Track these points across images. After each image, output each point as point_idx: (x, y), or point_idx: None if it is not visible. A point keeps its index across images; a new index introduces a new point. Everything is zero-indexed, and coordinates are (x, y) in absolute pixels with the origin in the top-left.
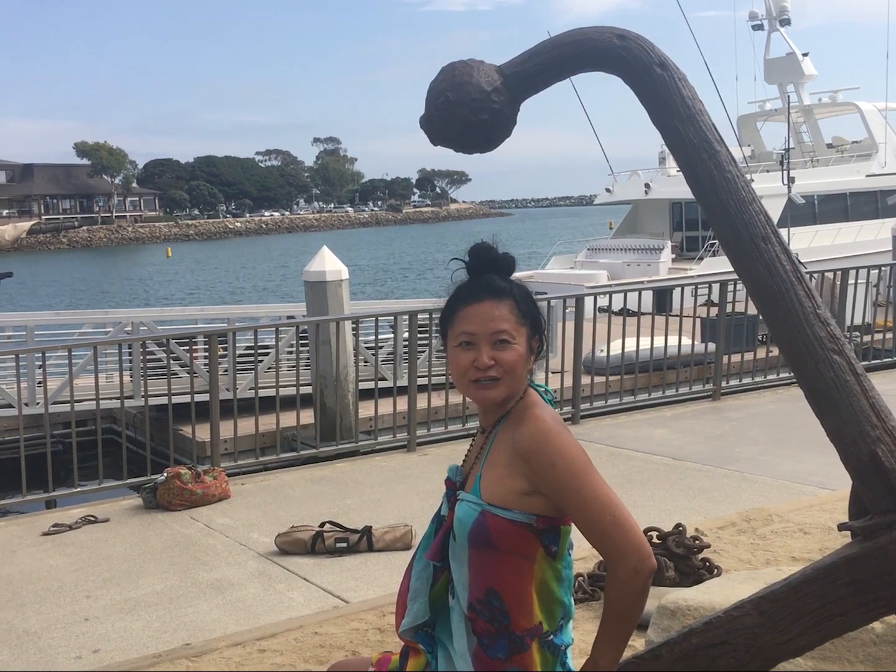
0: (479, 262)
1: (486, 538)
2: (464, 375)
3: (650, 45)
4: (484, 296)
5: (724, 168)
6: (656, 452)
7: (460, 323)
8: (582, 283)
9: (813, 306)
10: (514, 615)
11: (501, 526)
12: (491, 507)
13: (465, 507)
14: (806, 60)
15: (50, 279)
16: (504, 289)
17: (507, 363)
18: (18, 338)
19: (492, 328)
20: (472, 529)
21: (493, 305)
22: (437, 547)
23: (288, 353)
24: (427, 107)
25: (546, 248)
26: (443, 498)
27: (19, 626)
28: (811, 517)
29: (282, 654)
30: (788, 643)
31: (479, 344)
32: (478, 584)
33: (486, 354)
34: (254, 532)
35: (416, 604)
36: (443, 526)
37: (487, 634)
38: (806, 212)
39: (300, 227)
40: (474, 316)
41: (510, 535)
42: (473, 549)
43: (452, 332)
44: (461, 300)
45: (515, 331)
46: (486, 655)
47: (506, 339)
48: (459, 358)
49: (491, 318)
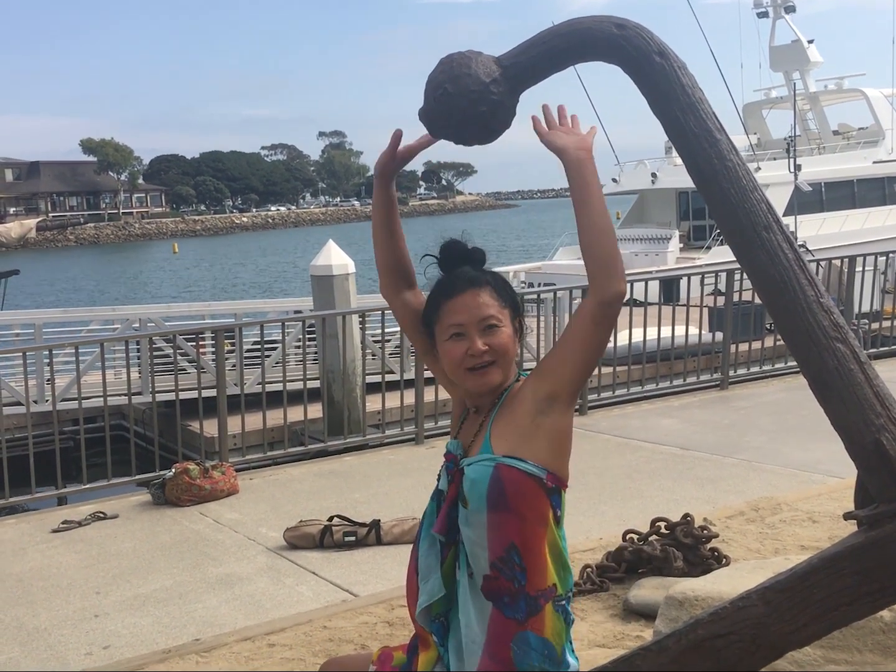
0: (450, 258)
1: (503, 496)
2: (459, 366)
3: (649, 34)
4: (464, 286)
5: (724, 157)
6: (664, 442)
7: (447, 316)
8: None
9: (816, 294)
10: (530, 574)
11: (516, 478)
12: (505, 458)
13: (476, 468)
14: (811, 47)
15: (54, 277)
16: (480, 277)
17: (500, 346)
18: (26, 336)
19: (479, 315)
20: (489, 487)
21: (474, 294)
22: (443, 520)
23: (295, 347)
24: (426, 99)
25: (553, 239)
26: (441, 472)
27: (30, 624)
28: (820, 505)
29: (291, 648)
30: (795, 633)
31: (470, 333)
32: (498, 541)
33: (479, 341)
34: (262, 527)
35: (430, 581)
36: (445, 500)
37: (509, 593)
38: (813, 199)
39: (306, 221)
40: (460, 307)
41: (524, 491)
42: (491, 512)
43: (440, 328)
44: (442, 295)
45: (500, 314)
46: (503, 616)
47: (494, 323)
48: (453, 350)
49: (476, 305)
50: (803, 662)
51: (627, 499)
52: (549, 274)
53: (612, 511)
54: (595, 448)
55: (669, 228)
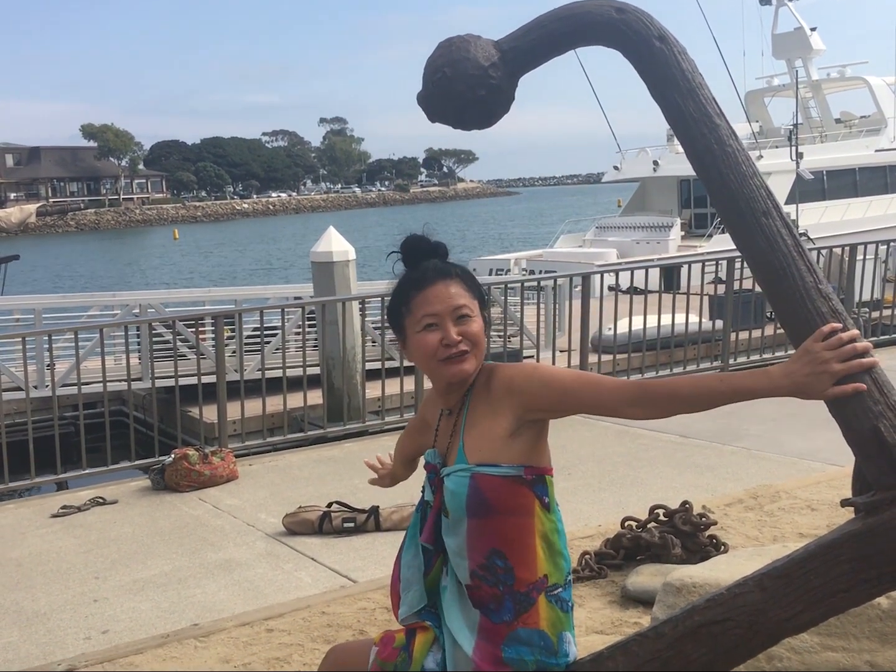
0: (414, 254)
1: (484, 503)
2: (433, 357)
3: (649, 18)
4: (434, 277)
5: (724, 142)
6: (664, 430)
7: (419, 308)
8: (592, 262)
9: (814, 281)
10: (518, 572)
11: (494, 484)
12: (479, 468)
13: (454, 479)
14: (814, 35)
15: (54, 263)
16: (448, 269)
17: (474, 335)
18: (26, 321)
19: (452, 304)
20: (468, 498)
21: (445, 285)
22: (430, 529)
23: (295, 333)
24: (424, 83)
25: (554, 227)
26: (424, 483)
27: (29, 608)
28: (819, 493)
29: (290, 633)
30: (792, 619)
31: (444, 323)
32: (478, 550)
33: (453, 330)
34: (261, 512)
35: (410, 593)
36: (431, 510)
37: (493, 599)
38: (815, 187)
39: (307, 207)
40: (432, 297)
41: (505, 493)
42: (472, 520)
43: (412, 320)
44: (412, 287)
45: (472, 304)
46: (491, 623)
47: (466, 313)
48: (426, 340)
49: (448, 295)
50: (800, 649)
51: (626, 486)
52: (549, 261)
53: (610, 498)
54: (594, 435)
55: (671, 216)
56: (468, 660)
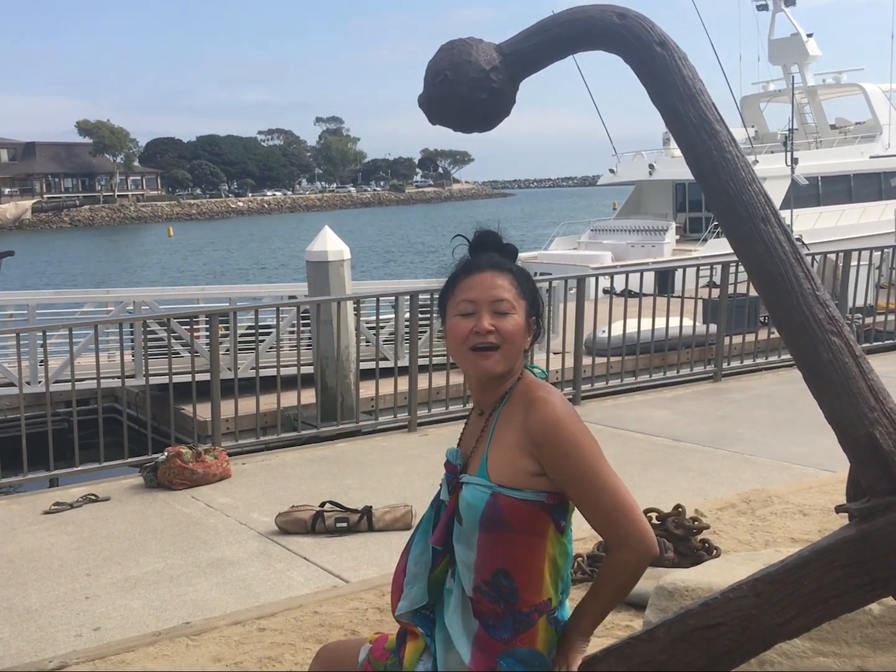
0: (482, 243)
1: (500, 519)
2: (463, 342)
3: (650, 24)
4: (485, 266)
5: (724, 148)
6: (657, 433)
7: (461, 292)
8: (586, 264)
9: (812, 287)
10: (522, 593)
11: (514, 505)
12: (502, 489)
13: (473, 491)
14: (810, 41)
15: (50, 259)
16: (504, 264)
17: (507, 331)
18: (20, 317)
19: (493, 295)
20: (484, 513)
21: (494, 275)
22: (441, 532)
23: (289, 332)
24: (426, 85)
25: (549, 229)
26: (442, 481)
27: (20, 604)
28: (811, 499)
29: (281, 632)
30: (784, 625)
31: (480, 311)
32: (485, 566)
33: (487, 320)
34: (254, 511)
35: (414, 588)
36: (445, 510)
37: (493, 615)
38: (809, 193)
39: (302, 206)
40: (476, 283)
41: (523, 515)
42: (485, 533)
43: (453, 303)
44: (462, 272)
45: (515, 302)
46: (488, 636)
47: (506, 308)
48: (459, 325)
49: (492, 286)
50: (791, 654)
51: None
52: (544, 263)
53: None
54: None
55: (666, 220)
56: (463, 667)
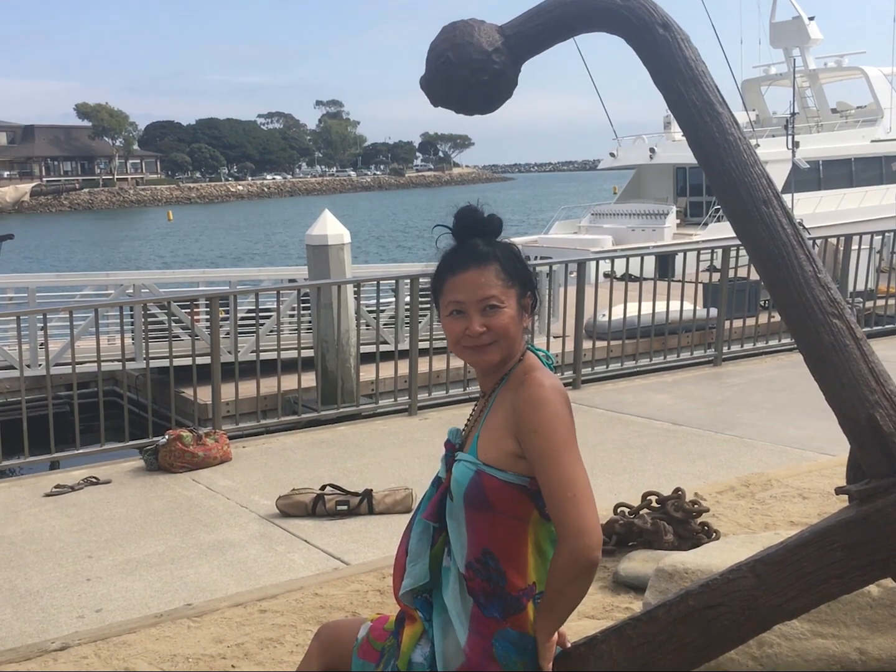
0: (464, 226)
1: (482, 498)
2: (457, 343)
3: (653, 5)
4: (469, 264)
5: (726, 130)
6: (657, 417)
7: (449, 292)
8: (587, 248)
9: (814, 270)
10: (509, 575)
11: (497, 486)
12: (486, 467)
13: (461, 467)
14: (812, 24)
15: (50, 243)
16: (487, 253)
17: (499, 327)
18: (20, 299)
19: (480, 295)
20: (468, 489)
21: (478, 273)
22: (434, 507)
23: (290, 316)
24: (427, 67)
25: (549, 213)
26: (441, 460)
27: (22, 586)
28: (810, 482)
29: (282, 614)
30: (784, 605)
31: (469, 312)
32: (474, 544)
33: (477, 322)
34: (255, 494)
35: (417, 566)
36: (440, 487)
37: (484, 594)
38: (810, 177)
39: (302, 190)
40: (461, 284)
41: (505, 497)
42: (470, 510)
43: (443, 302)
44: (447, 270)
45: (504, 294)
46: (482, 615)
47: (494, 304)
48: (452, 326)
49: (477, 285)
50: (790, 636)
51: (619, 472)
52: (545, 247)
53: (603, 484)
54: (588, 422)
55: (667, 204)
56: (459, 651)
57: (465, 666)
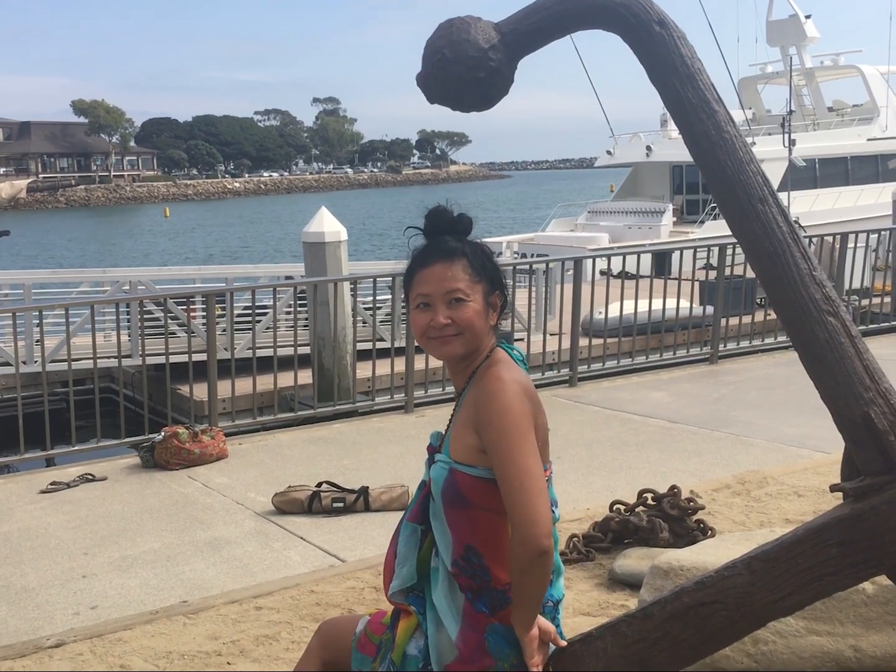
0: (434, 225)
1: (459, 495)
2: (423, 335)
3: (649, 3)
4: (436, 258)
5: (722, 128)
6: (653, 415)
7: (417, 286)
8: (584, 246)
9: (809, 268)
10: (494, 571)
11: (469, 482)
12: (457, 465)
13: (437, 468)
14: (808, 22)
15: (45, 241)
16: (456, 249)
17: (463, 320)
18: (16, 296)
19: (445, 288)
20: (443, 488)
21: (445, 267)
22: (417, 509)
23: (286, 313)
24: (424, 64)
25: (546, 211)
26: (425, 463)
27: (17, 583)
28: (805, 480)
29: (278, 611)
30: (779, 602)
31: (435, 304)
32: (458, 542)
33: (442, 314)
34: (251, 491)
35: (405, 568)
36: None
37: (471, 590)
38: (806, 175)
39: (299, 187)
40: (428, 278)
41: (479, 491)
42: (449, 508)
43: (412, 295)
44: (417, 264)
45: (470, 288)
46: (473, 609)
47: (460, 297)
48: (418, 319)
49: (444, 278)
50: (785, 633)
51: (615, 470)
52: (541, 245)
53: (599, 482)
54: (584, 419)
55: (663, 202)
56: (452, 646)
57: (458, 660)
